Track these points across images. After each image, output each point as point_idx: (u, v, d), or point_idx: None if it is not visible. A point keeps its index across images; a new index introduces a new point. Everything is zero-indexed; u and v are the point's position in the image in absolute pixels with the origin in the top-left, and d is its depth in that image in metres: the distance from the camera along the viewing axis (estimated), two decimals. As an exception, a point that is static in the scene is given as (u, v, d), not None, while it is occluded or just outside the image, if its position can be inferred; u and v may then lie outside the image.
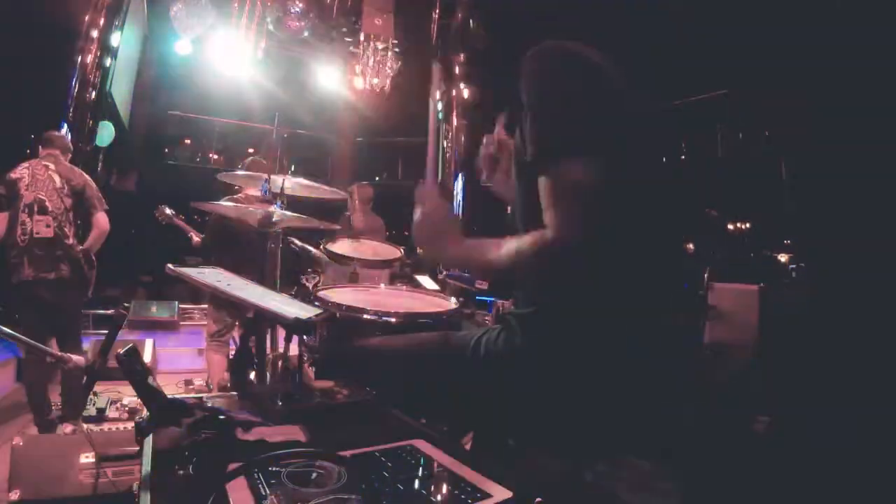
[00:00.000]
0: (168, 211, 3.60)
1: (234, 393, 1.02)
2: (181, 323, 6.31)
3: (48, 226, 2.82)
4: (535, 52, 0.93)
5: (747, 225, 9.04)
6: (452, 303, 1.89)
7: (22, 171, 2.88)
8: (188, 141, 10.29)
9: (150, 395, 0.76)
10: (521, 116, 0.96)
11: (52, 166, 2.93)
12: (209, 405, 0.79)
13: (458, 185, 8.35)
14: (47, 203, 2.84)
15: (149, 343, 4.08)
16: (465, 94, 8.11)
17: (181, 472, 0.65)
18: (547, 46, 0.93)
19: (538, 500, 0.55)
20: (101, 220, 3.04)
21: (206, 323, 3.60)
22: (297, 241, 2.60)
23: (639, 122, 0.97)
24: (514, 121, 1.02)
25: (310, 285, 2.33)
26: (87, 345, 3.37)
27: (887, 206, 3.84)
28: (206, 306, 4.31)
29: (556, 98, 0.90)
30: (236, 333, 3.25)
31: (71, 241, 2.89)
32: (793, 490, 1.59)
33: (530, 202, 0.92)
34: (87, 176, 3.09)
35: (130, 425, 2.20)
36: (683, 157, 8.61)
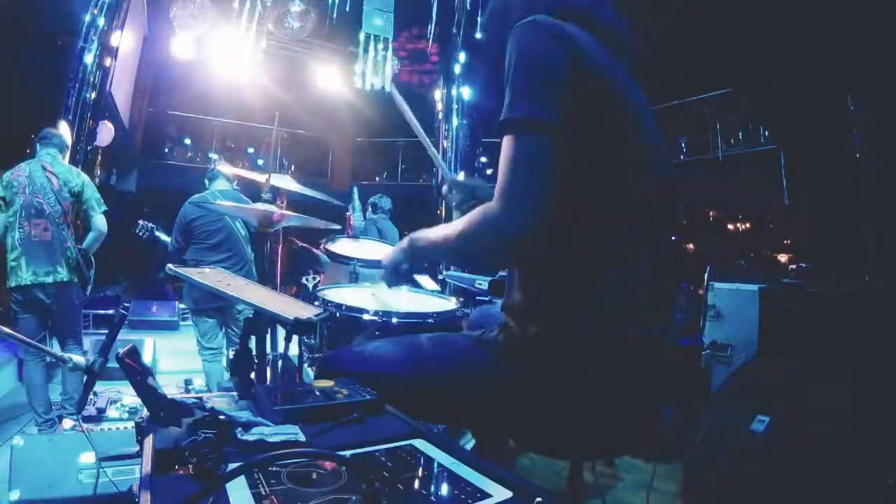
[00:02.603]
0: (149, 225, 3.61)
1: (234, 393, 1.02)
2: (181, 323, 6.32)
3: (46, 229, 2.80)
4: (525, 22, 0.92)
5: (747, 225, 9.06)
6: (452, 303, 1.89)
7: (19, 173, 2.85)
8: (188, 141, 10.30)
9: (150, 395, 0.76)
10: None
11: (49, 167, 2.90)
12: (209, 405, 0.79)
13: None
14: (45, 206, 2.81)
15: (149, 343, 4.09)
16: (465, 93, 8.11)
17: (181, 472, 0.65)
18: (537, 19, 0.92)
19: (538, 500, 0.55)
20: (100, 221, 3.02)
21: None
22: (297, 241, 2.60)
23: (624, 106, 0.95)
24: None
25: (310, 285, 2.33)
26: (87, 345, 3.37)
27: (886, 204, 3.84)
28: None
29: (533, 69, 0.89)
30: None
31: (69, 243, 2.88)
32: (793, 490, 1.59)
33: None
34: (85, 176, 3.06)
35: (130, 425, 2.21)
36: (683, 156, 8.62)
